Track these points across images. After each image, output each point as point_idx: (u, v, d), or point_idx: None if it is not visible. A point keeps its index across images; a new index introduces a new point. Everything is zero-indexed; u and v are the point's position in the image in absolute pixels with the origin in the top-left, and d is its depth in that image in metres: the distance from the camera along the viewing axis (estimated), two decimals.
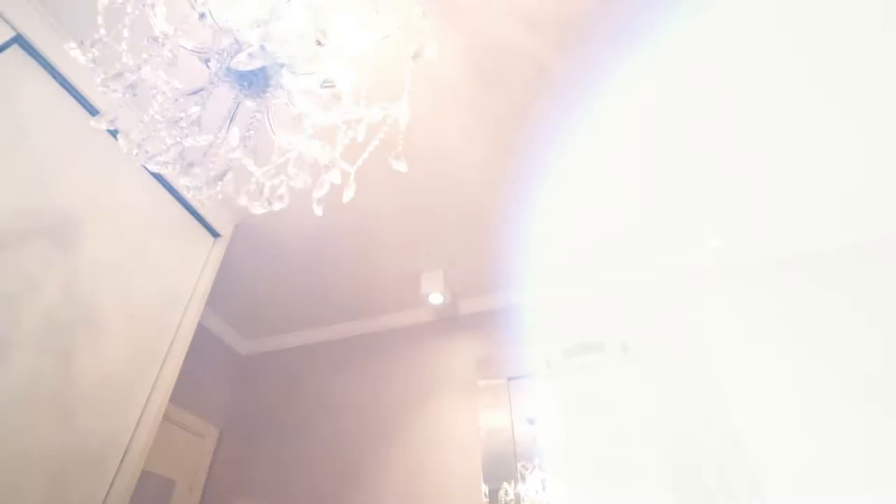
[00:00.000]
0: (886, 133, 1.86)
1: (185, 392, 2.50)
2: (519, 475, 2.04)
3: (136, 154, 0.74)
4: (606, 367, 1.87)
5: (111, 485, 1.39)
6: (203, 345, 2.74)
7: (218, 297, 2.64)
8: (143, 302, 1.64)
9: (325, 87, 0.95)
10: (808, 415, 1.89)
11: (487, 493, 2.03)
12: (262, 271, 2.49)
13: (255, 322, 2.89)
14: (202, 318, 2.71)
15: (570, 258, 2.44)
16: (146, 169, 1.76)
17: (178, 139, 0.74)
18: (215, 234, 2.06)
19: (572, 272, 2.52)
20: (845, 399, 1.88)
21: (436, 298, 2.47)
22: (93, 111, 1.58)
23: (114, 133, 1.65)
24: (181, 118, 0.74)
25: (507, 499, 2.00)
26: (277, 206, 0.90)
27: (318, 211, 1.04)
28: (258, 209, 0.96)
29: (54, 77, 1.48)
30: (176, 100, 0.85)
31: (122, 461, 1.44)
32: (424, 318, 2.75)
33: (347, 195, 0.96)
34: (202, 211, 1.97)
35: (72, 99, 1.53)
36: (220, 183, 0.77)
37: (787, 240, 2.33)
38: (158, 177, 1.82)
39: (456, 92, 1.72)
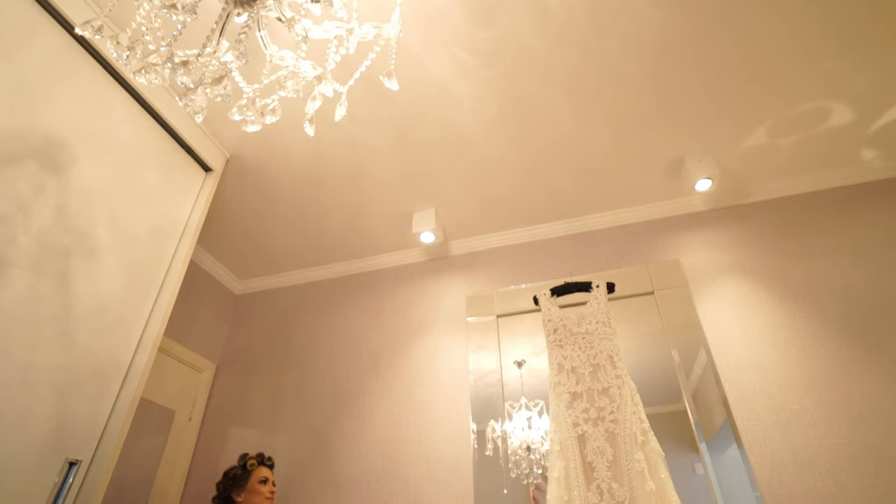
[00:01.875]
0: (886, 69, 1.86)
1: (183, 329, 2.57)
2: (506, 414, 2.14)
3: (128, 57, 0.73)
4: (592, 305, 1.93)
5: (115, 401, 1.45)
6: (198, 284, 2.78)
7: (211, 237, 2.65)
8: (135, 232, 1.66)
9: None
10: (783, 350, 1.99)
11: (475, 431, 2.13)
12: (254, 210, 2.49)
13: (248, 262, 2.91)
14: (197, 259, 2.75)
15: (555, 199, 2.47)
16: (134, 98, 1.74)
17: (169, 43, 0.73)
18: (206, 169, 2.05)
19: (558, 212, 2.55)
20: (823, 337, 1.98)
21: (427, 237, 2.50)
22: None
23: (99, 59, 1.61)
24: (172, 19, 0.73)
25: (495, 436, 2.10)
26: (270, 120, 0.90)
27: (310, 131, 1.05)
28: (251, 126, 0.97)
29: None
30: (163, 8, 0.83)
31: (123, 381, 1.50)
32: (416, 259, 2.79)
33: (339, 112, 0.97)
34: (193, 144, 1.95)
35: (53, 22, 1.49)
36: (214, 88, 0.77)
37: (769, 182, 2.37)
38: (148, 108, 1.79)
39: (447, 21, 1.68)
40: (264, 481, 1.98)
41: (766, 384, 1.92)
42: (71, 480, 1.30)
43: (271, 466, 2.07)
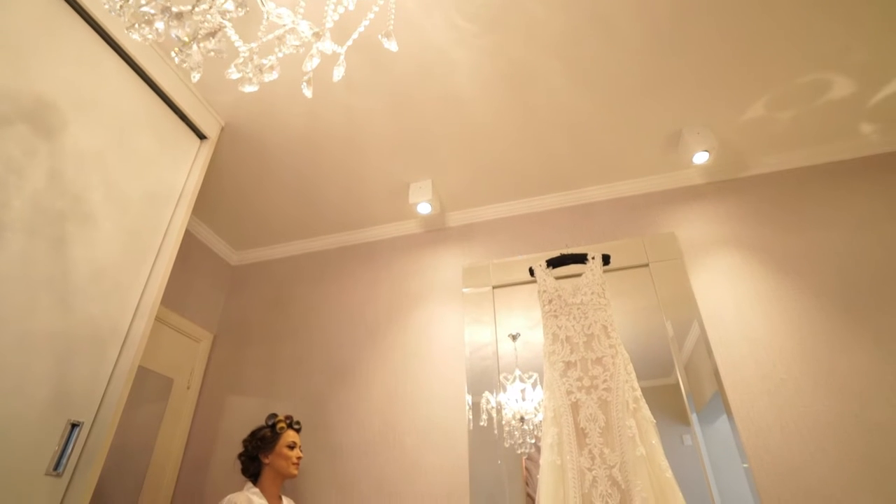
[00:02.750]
0: (889, 39, 1.84)
1: (180, 299, 2.58)
2: (500, 385, 2.17)
3: (120, 8, 0.71)
4: (587, 276, 1.94)
5: (115, 366, 1.47)
6: (195, 255, 2.78)
7: (207, 207, 2.64)
8: (130, 198, 1.64)
9: None
10: (773, 321, 2.02)
11: (470, 401, 2.16)
12: (249, 179, 2.47)
13: (244, 233, 2.90)
14: (193, 229, 2.74)
15: (552, 170, 2.46)
16: (126, 62, 1.70)
17: None
18: (201, 136, 2.03)
19: (555, 184, 2.54)
20: (814, 309, 2.01)
21: (424, 208, 2.49)
22: None
23: (89, 20, 1.57)
24: None
25: (489, 407, 2.14)
26: (268, 78, 0.88)
27: (308, 92, 1.03)
28: (249, 87, 0.95)
29: None
30: None
31: (122, 347, 1.51)
32: (412, 230, 2.78)
33: (338, 73, 0.95)
34: (187, 111, 1.92)
35: None
36: (208, 43, 0.75)
37: (766, 155, 2.37)
38: (141, 73, 1.76)
39: None
40: (292, 446, 1.96)
41: (756, 354, 1.96)
42: (74, 441, 1.32)
43: (298, 430, 2.05)
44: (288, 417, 2.03)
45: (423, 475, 2.09)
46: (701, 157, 2.22)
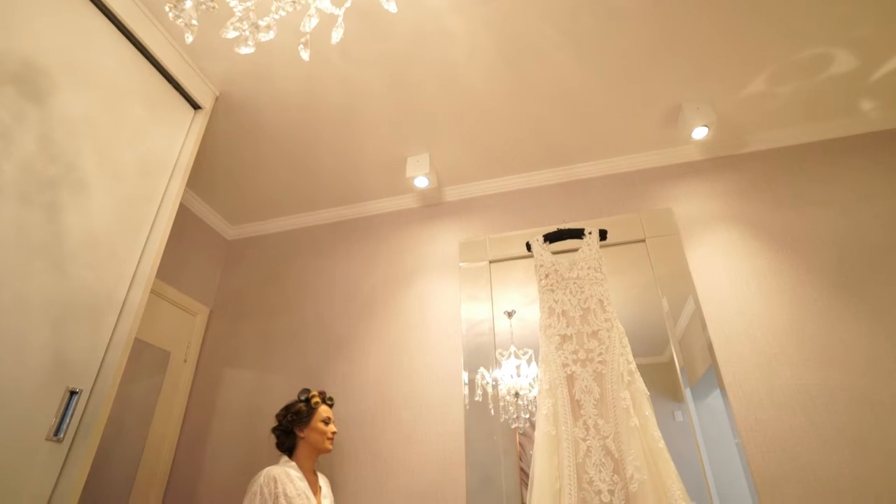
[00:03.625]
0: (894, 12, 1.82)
1: (176, 273, 2.57)
2: (496, 361, 2.19)
3: None
4: (584, 251, 1.94)
5: (112, 335, 1.47)
6: (191, 229, 2.76)
7: (203, 181, 2.61)
8: (124, 167, 1.62)
9: None
10: (768, 296, 2.04)
11: (466, 376, 2.18)
12: (245, 152, 2.44)
13: (240, 207, 2.88)
14: (189, 203, 2.71)
15: (549, 145, 2.44)
16: (117, 27, 1.66)
17: None
18: (196, 106, 1.99)
19: (553, 159, 2.53)
20: (808, 285, 2.03)
21: (421, 182, 2.47)
22: None
23: None
24: None
25: (484, 382, 2.16)
26: (264, 38, 0.86)
27: (304, 55, 1.01)
28: (245, 48, 0.93)
29: None
30: None
31: (119, 316, 1.51)
32: (409, 205, 2.77)
33: (336, 35, 0.93)
34: (181, 79, 1.89)
35: None
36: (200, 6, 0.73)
37: (765, 132, 2.36)
38: (133, 39, 1.71)
39: None
40: (327, 421, 1.96)
41: (750, 329, 1.98)
42: (73, 408, 1.32)
43: (331, 405, 2.05)
44: (321, 393, 2.03)
45: (419, 447, 2.12)
46: (700, 133, 2.20)
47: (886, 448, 1.69)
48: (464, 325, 2.29)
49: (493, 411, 2.07)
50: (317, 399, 1.98)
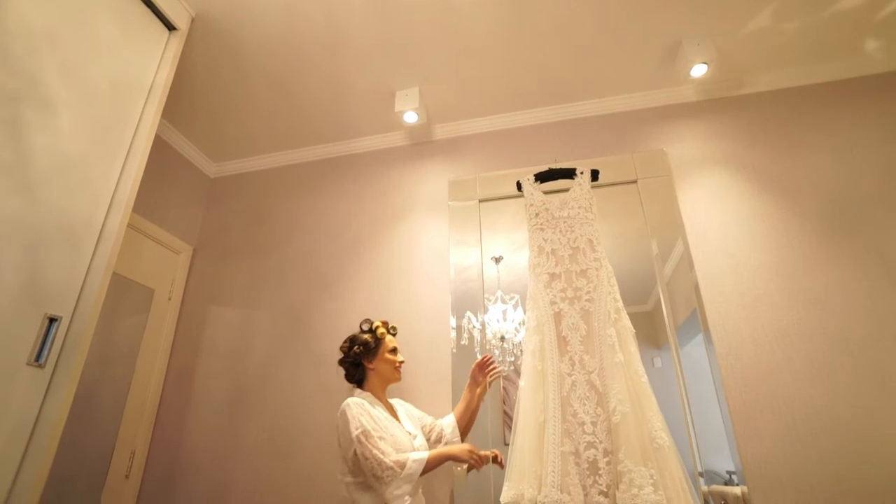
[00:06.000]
0: None
1: (158, 210, 2.50)
2: (483, 306, 2.19)
3: None
4: (575, 191, 1.91)
5: (91, 260, 1.42)
6: (171, 165, 2.66)
7: (181, 114, 2.49)
8: (94, 87, 1.52)
9: None
10: (755, 239, 2.05)
11: (453, 321, 2.18)
12: (225, 82, 2.31)
13: (221, 144, 2.77)
14: (168, 138, 2.61)
15: (544, 82, 2.35)
16: None
17: None
18: (171, 27, 1.86)
19: (546, 96, 2.45)
20: (796, 228, 2.03)
21: (410, 117, 2.39)
22: None
23: None
24: None
25: (471, 326, 2.16)
26: None
27: None
28: None
29: None
30: None
31: (98, 241, 1.46)
32: (397, 142, 2.69)
33: None
34: None
35: None
36: None
37: (764, 72, 2.30)
38: None
39: None
40: (394, 351, 1.89)
41: (736, 270, 2.00)
42: (54, 335, 1.30)
43: (395, 335, 1.97)
44: (385, 322, 1.94)
45: (408, 385, 2.14)
46: (699, 70, 2.13)
47: (856, 381, 1.76)
48: (452, 271, 2.27)
49: (479, 355, 2.09)
50: (382, 330, 1.90)
